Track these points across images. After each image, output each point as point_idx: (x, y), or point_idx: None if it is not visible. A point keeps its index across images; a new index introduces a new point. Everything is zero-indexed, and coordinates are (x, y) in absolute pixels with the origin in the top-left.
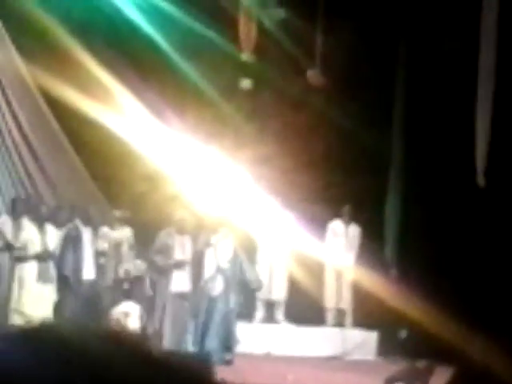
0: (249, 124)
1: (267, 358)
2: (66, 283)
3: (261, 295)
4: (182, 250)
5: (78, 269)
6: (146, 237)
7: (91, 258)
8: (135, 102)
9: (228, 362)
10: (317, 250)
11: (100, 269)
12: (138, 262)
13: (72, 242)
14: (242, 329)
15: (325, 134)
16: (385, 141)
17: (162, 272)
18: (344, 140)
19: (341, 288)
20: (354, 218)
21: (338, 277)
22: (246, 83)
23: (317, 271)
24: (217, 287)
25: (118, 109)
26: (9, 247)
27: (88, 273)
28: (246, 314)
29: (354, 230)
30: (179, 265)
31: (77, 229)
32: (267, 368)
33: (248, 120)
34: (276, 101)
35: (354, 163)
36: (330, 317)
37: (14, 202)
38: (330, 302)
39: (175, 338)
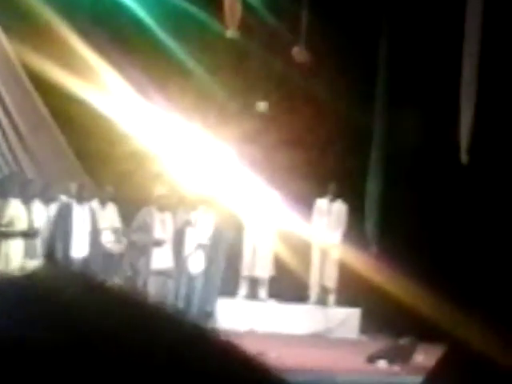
0: (232, 101)
1: (250, 334)
2: (55, 260)
3: (245, 272)
4: (162, 227)
5: (67, 246)
6: (129, 215)
7: (82, 235)
8: (119, 79)
9: None
10: (301, 228)
11: (89, 247)
12: (120, 239)
13: (63, 218)
14: (224, 305)
15: (309, 112)
16: (368, 117)
17: (142, 250)
18: (327, 117)
19: (325, 266)
20: (338, 195)
21: (323, 255)
22: (263, 106)
23: (301, 249)
24: (197, 264)
25: (101, 86)
26: None
27: (78, 250)
28: (229, 290)
29: (340, 208)
30: (159, 243)
31: (68, 205)
32: (250, 345)
33: (231, 97)
34: (260, 77)
35: (337, 140)
36: (313, 294)
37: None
38: (314, 279)
39: None
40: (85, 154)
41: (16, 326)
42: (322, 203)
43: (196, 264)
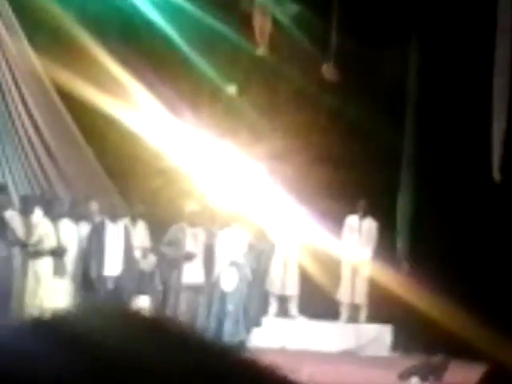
0: (263, 119)
1: (281, 352)
2: (89, 279)
3: (275, 290)
4: (194, 242)
5: (101, 264)
6: (160, 232)
7: (115, 253)
8: (149, 96)
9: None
10: (331, 245)
11: (123, 264)
12: (150, 256)
13: (96, 237)
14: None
15: (338, 129)
16: (398, 135)
17: (173, 264)
18: (357, 135)
19: (356, 283)
20: (368, 212)
21: (354, 272)
22: (231, 89)
23: (331, 266)
24: (230, 281)
25: (132, 103)
26: (21, 243)
27: (112, 268)
28: (261, 308)
29: (370, 225)
30: (190, 256)
31: (101, 224)
32: (281, 362)
33: (262, 115)
34: (290, 96)
35: (367, 158)
36: (344, 311)
37: (25, 198)
38: (345, 296)
39: None
40: (115, 171)
41: (54, 366)
42: (352, 220)
43: (229, 281)
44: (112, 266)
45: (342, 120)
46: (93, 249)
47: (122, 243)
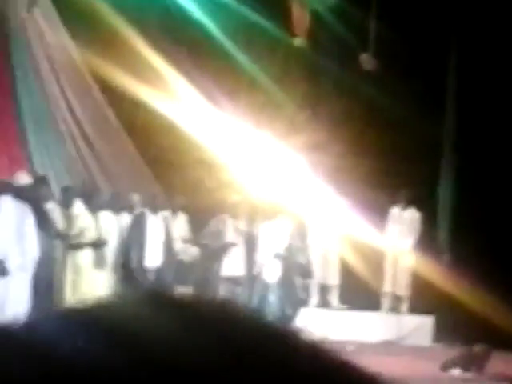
0: (302, 110)
1: (323, 342)
2: (129, 270)
3: (316, 280)
4: (235, 234)
5: (141, 256)
6: (200, 223)
7: (155, 245)
8: (189, 87)
9: None
10: (372, 236)
11: (163, 256)
12: (191, 247)
13: (137, 228)
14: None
15: (378, 119)
16: (439, 124)
17: (214, 256)
18: (397, 124)
19: (398, 273)
20: (410, 203)
21: (396, 262)
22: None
23: (373, 257)
24: (272, 274)
25: (171, 94)
26: (60, 235)
27: (152, 260)
28: (302, 299)
29: (413, 215)
30: (230, 246)
31: (142, 215)
32: None
33: (301, 106)
34: (329, 86)
35: (407, 148)
36: (385, 302)
37: (66, 189)
38: (386, 287)
39: None
40: (155, 162)
41: (91, 357)
42: (394, 211)
43: (271, 273)
44: (152, 257)
45: (381, 110)
46: (133, 240)
47: (163, 235)
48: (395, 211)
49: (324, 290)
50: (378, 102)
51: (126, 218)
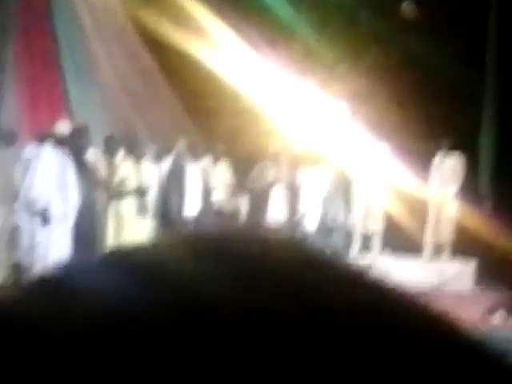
0: (343, 59)
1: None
2: (169, 219)
3: (358, 227)
4: (276, 182)
5: (180, 204)
6: (241, 170)
7: (195, 194)
8: (230, 35)
9: None
10: (414, 184)
11: (202, 204)
12: (233, 196)
13: (176, 177)
14: None
15: (420, 68)
16: (480, 72)
17: (256, 203)
18: (439, 73)
19: (440, 221)
20: (453, 151)
21: (438, 210)
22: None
23: (415, 205)
24: (313, 221)
25: (213, 43)
26: (103, 184)
27: (191, 209)
28: (345, 246)
29: (455, 163)
30: (273, 191)
31: (180, 164)
32: None
33: (342, 55)
34: (370, 35)
35: (449, 98)
36: (427, 249)
37: (109, 139)
38: (429, 234)
39: None
40: (197, 110)
41: (140, 301)
42: (437, 160)
43: (312, 220)
44: (191, 206)
45: (423, 59)
46: (172, 189)
47: (201, 183)
48: (438, 160)
49: (366, 238)
50: (420, 51)
51: (166, 167)
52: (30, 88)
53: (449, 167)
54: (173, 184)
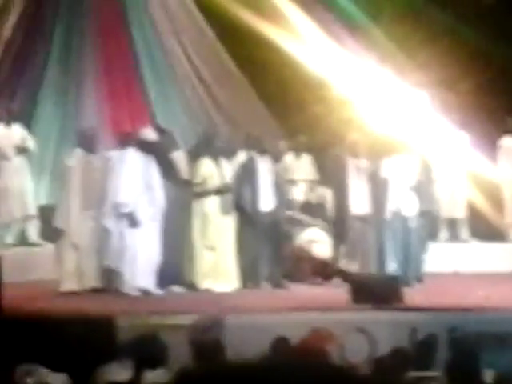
0: (424, 46)
1: (455, 276)
2: (244, 215)
3: (444, 214)
4: (357, 173)
5: (255, 200)
6: (321, 161)
7: (268, 189)
8: (309, 22)
9: (419, 280)
10: (492, 168)
11: (278, 199)
12: (320, 188)
13: (248, 173)
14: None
15: (501, 56)
16: None
17: (338, 196)
18: None
19: None
20: None
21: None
22: None
23: (492, 188)
24: (410, 208)
25: (291, 30)
26: (187, 184)
27: (266, 204)
28: (431, 234)
29: None
30: (354, 178)
31: (252, 160)
32: (456, 286)
33: (423, 42)
34: (449, 22)
35: None
36: (510, 232)
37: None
38: (509, 217)
39: (362, 261)
40: (275, 100)
41: None
42: (506, 141)
43: (409, 208)
44: (266, 201)
45: (505, 46)
46: (245, 185)
47: (272, 177)
48: (507, 140)
49: (452, 224)
50: (502, 37)
51: (240, 162)
52: (111, 92)
53: None
54: (244, 180)
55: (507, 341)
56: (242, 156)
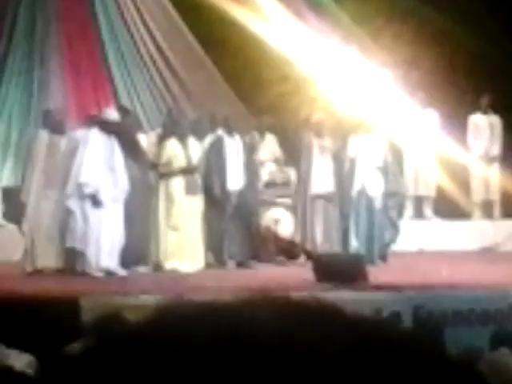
0: (388, 26)
1: (419, 254)
2: (212, 194)
3: (409, 192)
4: (320, 152)
5: (223, 180)
6: (286, 142)
7: (237, 168)
8: (273, 1)
9: (383, 259)
10: (459, 146)
11: (247, 178)
12: (284, 168)
13: (216, 152)
14: None
15: (465, 36)
16: None
17: (302, 175)
18: (484, 41)
19: (488, 179)
20: (492, 109)
21: (484, 169)
22: None
23: (459, 166)
24: (375, 187)
25: (256, 9)
26: (151, 165)
27: (234, 183)
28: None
29: (495, 120)
30: (319, 157)
31: (220, 139)
32: (420, 264)
33: (388, 22)
34: (416, 2)
35: (489, 57)
36: (477, 210)
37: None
38: (477, 194)
39: (325, 239)
40: (239, 78)
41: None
42: (476, 118)
43: (375, 188)
44: (234, 180)
45: (468, 27)
46: (213, 165)
47: (243, 157)
48: (478, 118)
49: (418, 201)
50: (465, 18)
51: (208, 143)
52: (75, 73)
53: (489, 125)
54: (212, 160)
55: (471, 318)
56: (211, 136)
